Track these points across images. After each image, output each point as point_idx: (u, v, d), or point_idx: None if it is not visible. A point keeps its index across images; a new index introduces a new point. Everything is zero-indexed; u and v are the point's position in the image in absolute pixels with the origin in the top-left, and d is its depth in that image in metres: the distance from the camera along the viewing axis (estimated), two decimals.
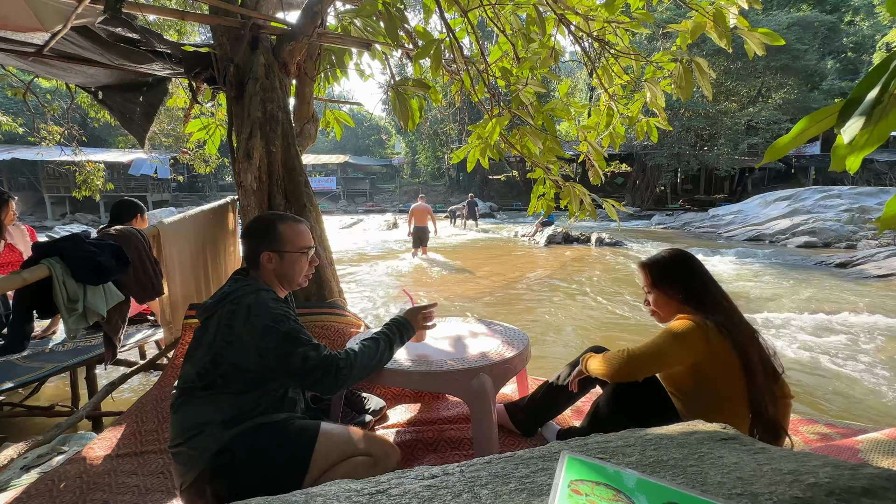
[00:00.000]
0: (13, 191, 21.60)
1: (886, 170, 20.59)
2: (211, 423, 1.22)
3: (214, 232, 2.97)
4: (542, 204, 2.86)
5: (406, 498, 0.60)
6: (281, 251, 1.38)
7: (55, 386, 3.30)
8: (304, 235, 1.43)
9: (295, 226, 1.42)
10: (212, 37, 2.81)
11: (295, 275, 1.42)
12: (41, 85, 9.13)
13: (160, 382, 2.22)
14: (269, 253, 1.37)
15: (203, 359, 1.25)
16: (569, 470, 0.61)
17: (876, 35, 22.22)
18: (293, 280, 1.42)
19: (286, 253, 1.39)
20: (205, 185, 29.19)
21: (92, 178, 6.75)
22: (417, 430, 1.83)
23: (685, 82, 2.29)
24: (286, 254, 1.39)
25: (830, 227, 11.93)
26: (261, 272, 1.39)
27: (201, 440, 1.21)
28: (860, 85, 0.59)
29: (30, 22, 1.71)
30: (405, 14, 2.08)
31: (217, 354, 1.24)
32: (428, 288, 7.20)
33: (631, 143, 21.60)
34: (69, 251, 1.84)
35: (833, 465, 0.61)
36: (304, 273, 1.44)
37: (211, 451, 1.20)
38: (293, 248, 1.40)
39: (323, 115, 3.43)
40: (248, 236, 1.42)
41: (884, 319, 5.14)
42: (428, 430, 1.82)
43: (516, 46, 2.50)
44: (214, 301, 1.32)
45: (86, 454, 1.69)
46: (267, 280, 1.40)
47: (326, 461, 1.23)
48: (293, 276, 1.41)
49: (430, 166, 33.33)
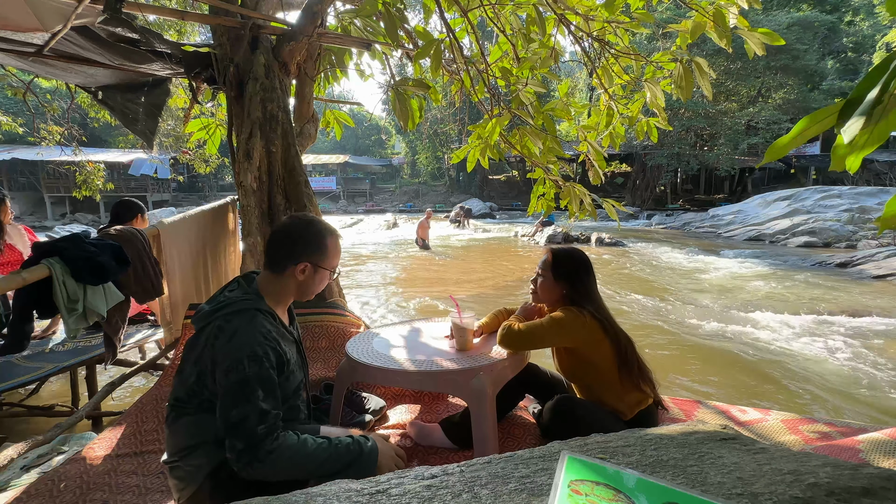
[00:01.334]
0: (13, 191, 21.62)
1: (886, 170, 20.58)
2: (205, 442, 1.16)
3: (214, 232, 2.97)
4: (542, 204, 2.86)
5: (406, 498, 0.60)
6: (319, 266, 1.28)
7: (55, 386, 3.30)
8: (339, 253, 1.36)
9: (338, 242, 1.34)
10: (212, 37, 2.81)
11: (315, 291, 1.32)
12: (41, 85, 9.12)
13: (160, 382, 2.22)
14: (307, 264, 1.26)
15: (190, 377, 1.17)
16: (569, 470, 0.61)
17: (876, 35, 22.21)
18: (310, 295, 1.32)
19: (322, 269, 1.29)
20: (205, 185, 29.18)
21: (92, 178, 6.74)
22: None
23: (685, 82, 2.29)
24: (322, 270, 1.29)
25: (830, 227, 11.93)
26: (281, 280, 1.27)
27: (196, 458, 1.17)
28: (860, 85, 0.59)
29: (30, 22, 1.71)
30: (405, 14, 2.08)
31: (202, 373, 1.16)
32: (428, 288, 7.20)
33: (631, 143, 21.59)
34: (69, 251, 1.84)
35: (833, 465, 0.61)
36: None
37: (207, 469, 1.16)
38: (330, 266, 1.31)
39: (323, 115, 3.43)
40: (288, 240, 1.27)
41: (884, 319, 5.14)
42: None
43: (516, 46, 2.50)
44: (210, 310, 1.21)
45: (86, 454, 1.69)
46: (281, 290, 1.28)
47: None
48: (313, 291, 1.32)
49: (430, 166, 33.32)
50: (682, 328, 4.94)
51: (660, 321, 5.20)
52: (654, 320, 5.24)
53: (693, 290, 6.74)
